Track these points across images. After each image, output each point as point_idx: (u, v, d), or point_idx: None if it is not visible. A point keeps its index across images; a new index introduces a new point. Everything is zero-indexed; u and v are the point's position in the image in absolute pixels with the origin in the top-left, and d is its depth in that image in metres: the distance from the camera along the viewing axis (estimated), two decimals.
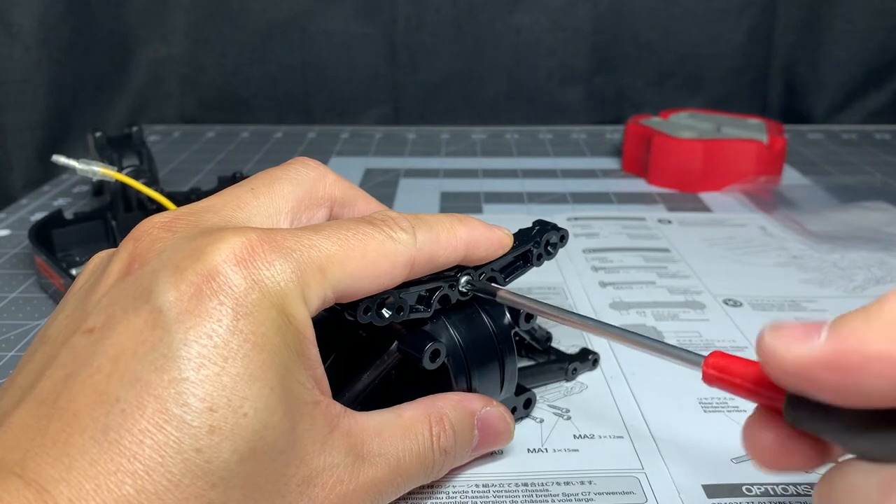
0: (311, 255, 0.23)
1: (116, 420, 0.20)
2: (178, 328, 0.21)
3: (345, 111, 0.86)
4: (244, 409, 0.21)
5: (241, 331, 0.21)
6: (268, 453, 0.21)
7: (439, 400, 0.27)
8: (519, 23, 0.83)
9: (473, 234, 0.28)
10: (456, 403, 0.28)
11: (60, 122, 0.71)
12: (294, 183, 0.27)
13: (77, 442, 0.19)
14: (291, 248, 0.23)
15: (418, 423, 0.26)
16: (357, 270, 0.24)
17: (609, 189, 0.64)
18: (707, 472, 0.29)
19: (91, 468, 0.19)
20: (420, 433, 0.26)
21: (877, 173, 0.68)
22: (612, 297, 0.44)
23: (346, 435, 0.24)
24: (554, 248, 0.32)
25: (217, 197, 0.26)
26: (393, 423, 0.26)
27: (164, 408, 0.20)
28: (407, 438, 0.26)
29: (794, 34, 0.84)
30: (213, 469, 0.20)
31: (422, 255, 0.26)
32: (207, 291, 0.21)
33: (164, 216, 0.25)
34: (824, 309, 0.42)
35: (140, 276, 0.22)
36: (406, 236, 0.26)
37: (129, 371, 0.20)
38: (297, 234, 0.24)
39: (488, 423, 0.28)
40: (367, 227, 0.25)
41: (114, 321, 0.21)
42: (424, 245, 0.26)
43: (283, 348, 0.22)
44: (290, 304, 0.22)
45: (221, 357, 0.21)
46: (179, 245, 0.23)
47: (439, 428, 0.27)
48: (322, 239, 0.24)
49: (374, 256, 0.25)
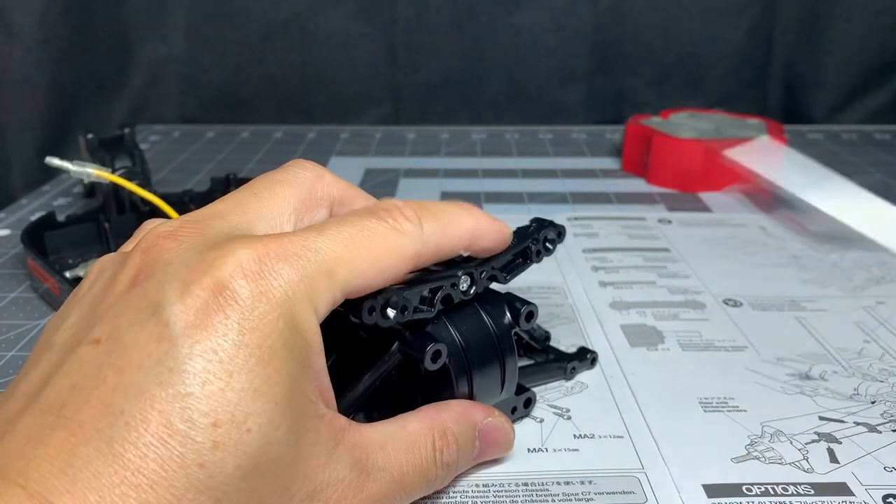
0: (317, 259, 0.23)
1: (121, 432, 0.19)
2: (184, 342, 0.21)
3: (345, 111, 0.86)
4: (248, 424, 0.21)
5: (247, 345, 0.21)
6: (272, 469, 0.21)
7: (443, 412, 0.27)
8: (519, 23, 0.83)
9: (478, 223, 0.28)
10: (459, 416, 0.28)
11: (60, 122, 0.71)
12: (294, 185, 0.27)
13: (82, 453, 0.19)
14: (298, 255, 0.23)
15: (422, 437, 0.26)
16: (364, 268, 0.24)
17: (609, 189, 0.64)
18: (707, 472, 0.29)
19: (95, 480, 0.19)
20: (423, 447, 0.26)
21: (877, 173, 0.68)
22: (612, 297, 0.44)
23: (351, 449, 0.24)
24: (552, 245, 0.32)
25: (221, 203, 0.26)
26: (397, 436, 0.25)
27: (168, 422, 0.20)
28: (410, 452, 0.25)
29: (794, 34, 0.84)
30: (216, 484, 0.20)
31: (428, 246, 0.26)
32: (214, 305, 0.21)
33: (170, 224, 0.25)
34: (824, 309, 0.42)
35: (146, 289, 0.22)
36: (412, 226, 0.26)
37: (133, 384, 0.20)
38: (303, 239, 0.24)
39: (489, 434, 0.28)
40: (371, 222, 0.25)
41: (120, 333, 0.21)
42: (430, 236, 0.26)
43: (290, 361, 0.22)
44: (297, 313, 0.22)
45: (226, 372, 0.21)
46: (186, 257, 0.23)
47: (443, 442, 0.26)
48: (327, 240, 0.24)
49: (381, 252, 0.25)
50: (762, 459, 0.30)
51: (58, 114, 0.71)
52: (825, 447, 0.31)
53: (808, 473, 0.29)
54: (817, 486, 0.28)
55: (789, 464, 0.30)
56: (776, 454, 0.30)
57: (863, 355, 0.38)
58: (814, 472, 0.29)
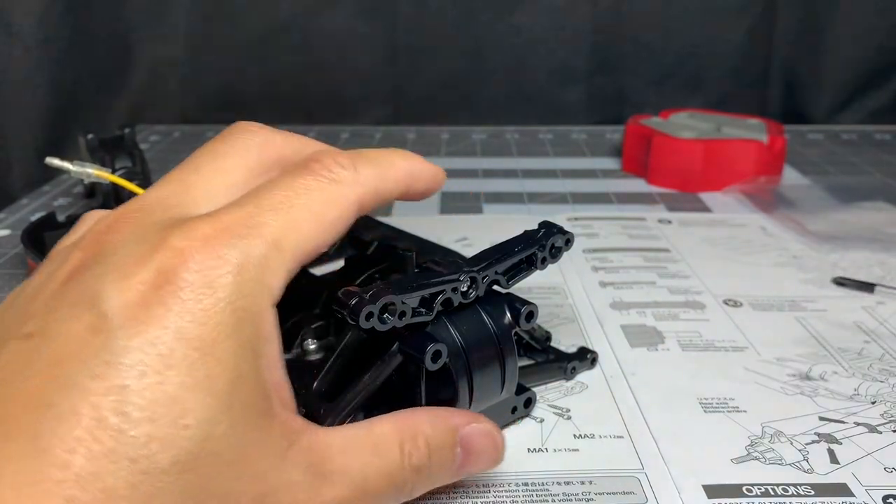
0: (262, 234, 0.22)
1: (49, 426, 0.19)
2: (122, 334, 0.20)
3: (345, 111, 0.86)
4: (186, 420, 0.20)
5: (188, 337, 0.20)
6: (213, 466, 0.20)
7: (416, 414, 0.26)
8: (519, 23, 0.83)
9: (414, 166, 0.28)
10: (433, 418, 0.26)
11: (60, 122, 0.71)
12: (240, 153, 0.26)
13: (5, 449, 0.18)
14: (240, 235, 0.22)
15: (389, 440, 0.24)
16: (311, 230, 0.23)
17: (609, 189, 0.64)
18: (707, 472, 0.29)
19: (17, 476, 0.18)
20: (390, 450, 0.24)
21: (877, 173, 0.68)
22: (612, 297, 0.44)
23: (307, 451, 0.22)
24: (559, 252, 0.32)
25: (163, 185, 0.25)
26: (361, 439, 0.24)
27: (100, 415, 0.19)
28: (376, 455, 0.24)
29: (794, 34, 0.84)
30: (150, 480, 0.19)
31: (367, 190, 0.25)
32: (154, 297, 0.20)
33: (111, 215, 0.24)
34: (824, 309, 0.42)
35: (83, 281, 0.21)
36: (347, 173, 0.25)
37: (65, 377, 0.19)
38: (244, 216, 0.22)
39: (473, 441, 0.26)
40: (306, 179, 0.24)
41: (53, 326, 0.20)
42: (368, 180, 0.25)
43: (237, 353, 0.21)
44: (246, 299, 0.21)
45: (165, 365, 0.20)
46: (126, 249, 0.22)
47: (411, 445, 0.24)
48: (268, 212, 0.23)
49: (322, 207, 0.24)
50: (762, 460, 0.30)
51: (58, 114, 0.71)
52: (825, 448, 0.31)
53: (809, 474, 0.29)
54: (817, 487, 0.28)
55: (789, 464, 0.30)
56: (776, 455, 0.30)
57: (863, 355, 0.38)
58: (814, 472, 0.29)
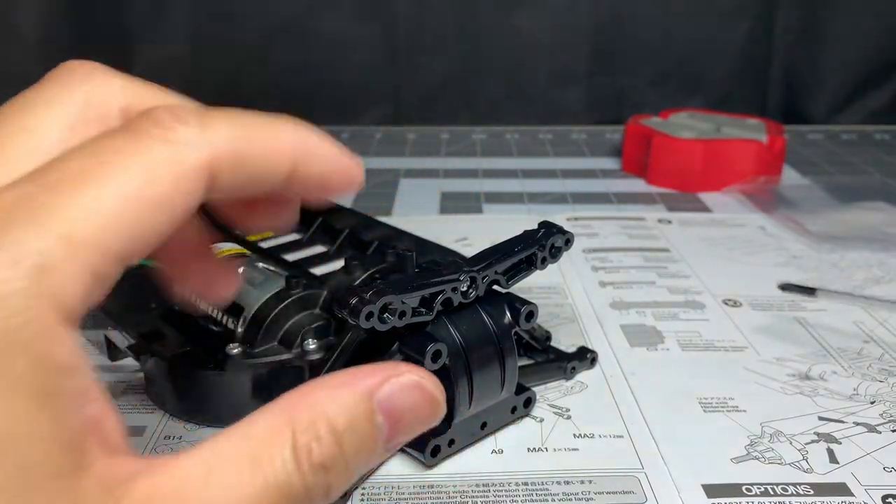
0: (43, 222, 0.15)
1: None
2: None
3: (345, 111, 0.86)
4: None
5: None
6: None
7: (310, 393, 0.18)
8: (519, 23, 0.84)
9: (306, 142, 0.21)
10: (335, 390, 0.18)
11: None
12: (57, 105, 0.19)
13: None
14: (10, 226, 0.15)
15: (274, 441, 0.17)
16: (120, 213, 0.16)
17: (609, 189, 0.64)
18: (707, 472, 0.29)
19: None
20: (277, 454, 0.17)
21: (876, 173, 0.68)
22: (612, 297, 0.44)
23: (146, 501, 0.16)
24: (559, 252, 0.32)
25: None
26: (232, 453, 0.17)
27: None
28: (256, 470, 0.17)
29: (794, 34, 0.84)
30: None
31: (223, 154, 0.18)
32: None
33: None
34: (824, 309, 0.42)
35: None
36: (189, 131, 0.18)
37: None
38: (19, 197, 0.16)
39: (397, 400, 0.19)
40: (119, 140, 0.17)
41: None
42: (224, 142, 0.18)
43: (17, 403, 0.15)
44: (25, 329, 0.15)
45: None
46: None
47: (309, 437, 0.17)
48: (54, 191, 0.16)
49: (139, 180, 0.16)
50: (762, 459, 0.30)
51: None
52: (825, 447, 0.31)
53: (808, 473, 0.29)
54: (817, 487, 0.28)
55: (789, 464, 0.30)
56: (776, 454, 0.30)
57: (862, 355, 0.38)
58: (813, 472, 0.29)
